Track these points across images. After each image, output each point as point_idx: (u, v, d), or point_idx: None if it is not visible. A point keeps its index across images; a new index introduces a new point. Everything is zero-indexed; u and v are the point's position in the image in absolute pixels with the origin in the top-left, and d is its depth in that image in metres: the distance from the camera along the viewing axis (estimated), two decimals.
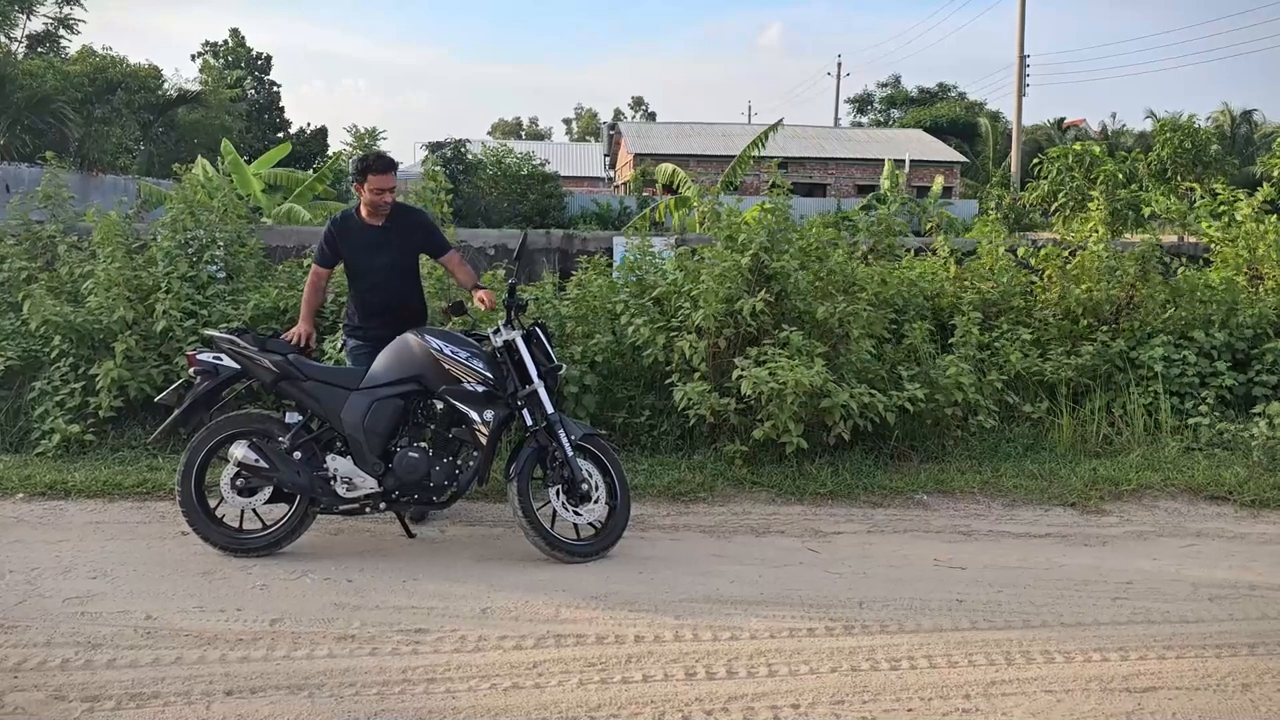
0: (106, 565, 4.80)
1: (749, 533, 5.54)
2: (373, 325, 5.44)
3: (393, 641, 4.00)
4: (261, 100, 46.12)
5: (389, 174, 5.33)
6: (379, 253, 5.42)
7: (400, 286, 5.49)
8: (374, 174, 5.29)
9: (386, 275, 5.43)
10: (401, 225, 5.49)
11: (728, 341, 6.59)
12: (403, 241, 5.47)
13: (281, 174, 15.73)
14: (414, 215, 5.66)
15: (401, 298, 5.49)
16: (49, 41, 27.73)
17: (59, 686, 3.57)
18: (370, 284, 5.46)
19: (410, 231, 5.50)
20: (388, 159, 5.43)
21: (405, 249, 5.50)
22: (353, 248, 5.45)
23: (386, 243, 5.42)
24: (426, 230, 5.60)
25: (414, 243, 5.53)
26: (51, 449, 6.45)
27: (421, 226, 5.59)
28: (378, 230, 5.43)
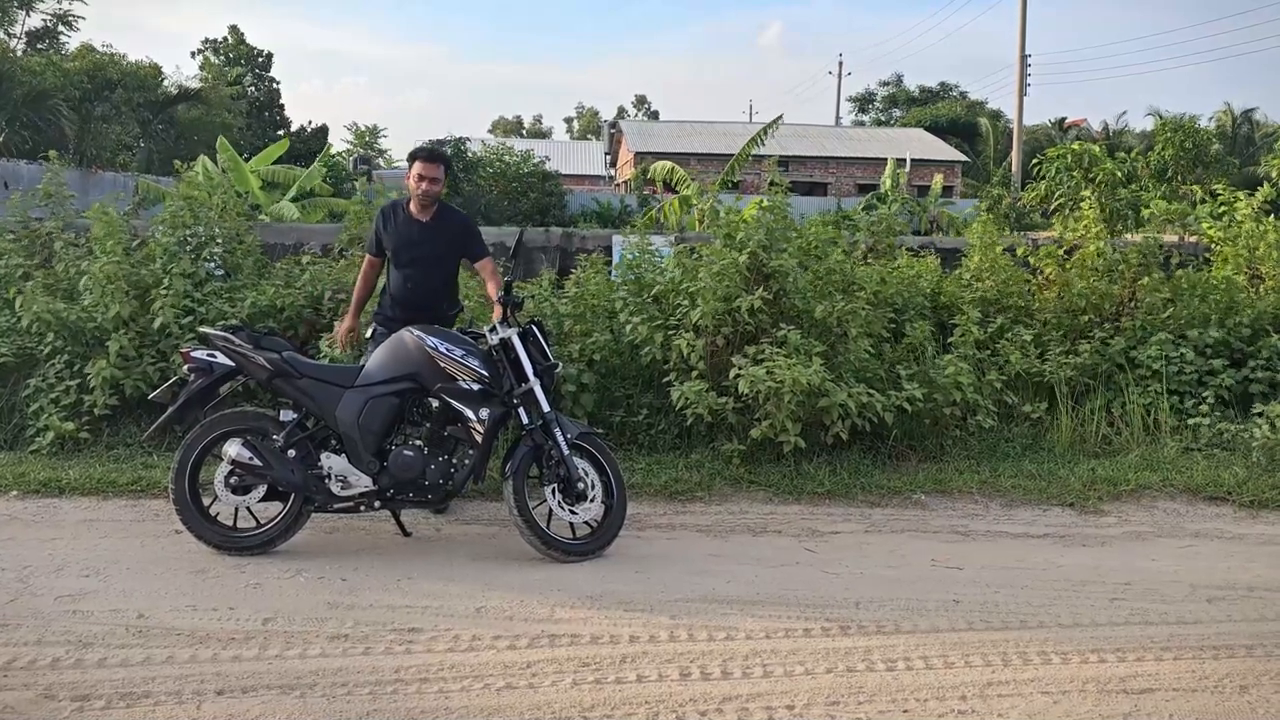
0: (99, 563, 4.77)
1: (746, 532, 5.51)
2: (401, 318, 5.45)
3: (386, 641, 3.98)
4: (261, 98, 46.14)
5: (435, 164, 5.48)
6: (419, 247, 5.52)
7: (435, 285, 5.59)
8: (421, 161, 5.46)
9: (425, 271, 5.55)
10: (446, 224, 5.60)
11: (726, 340, 6.57)
12: (445, 241, 5.57)
13: (280, 171, 15.70)
14: (459, 217, 5.77)
15: (434, 296, 5.58)
16: (48, 38, 27.71)
17: (49, 685, 3.54)
18: (406, 276, 5.55)
19: (453, 232, 5.61)
20: (437, 151, 5.65)
21: (447, 249, 5.59)
22: (396, 238, 5.58)
23: (429, 239, 5.52)
24: (468, 234, 5.69)
25: (455, 244, 5.62)
26: (46, 446, 6.43)
27: (464, 229, 5.69)
28: (421, 225, 5.54)
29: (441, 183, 5.53)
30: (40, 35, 27.51)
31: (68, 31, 27.87)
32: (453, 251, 5.67)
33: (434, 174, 5.46)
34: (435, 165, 5.47)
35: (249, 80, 45.22)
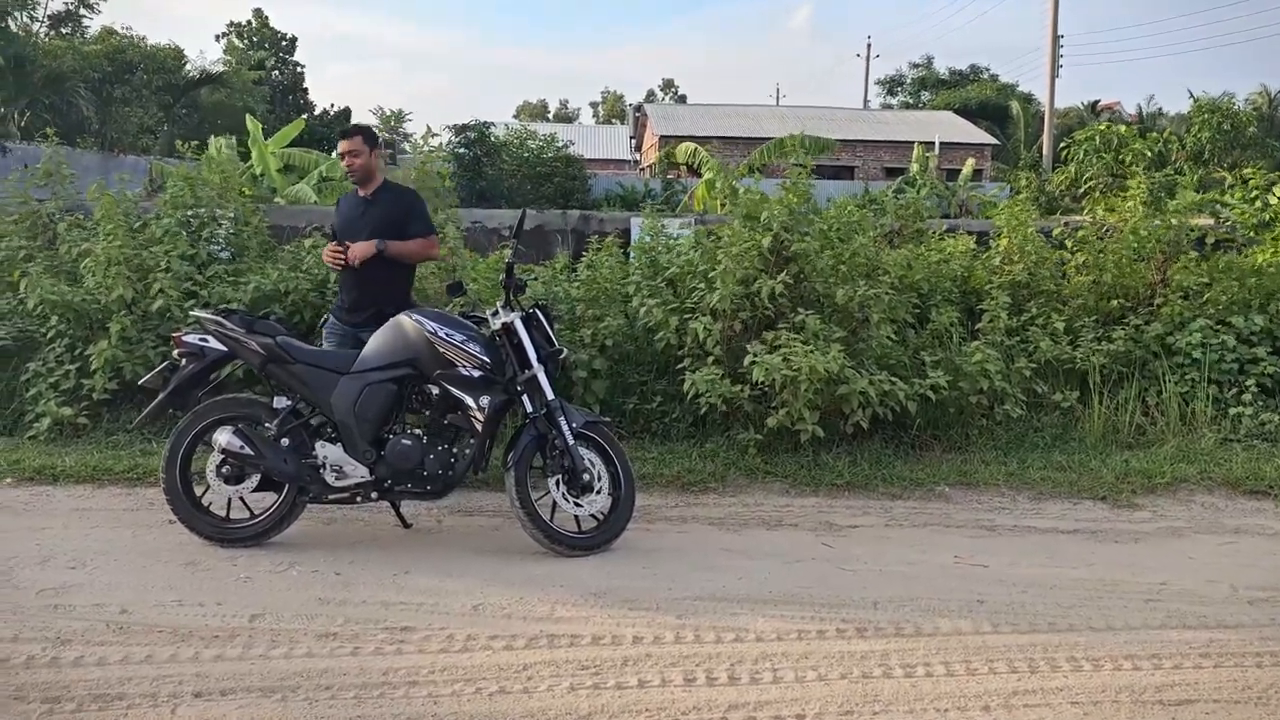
0: (87, 555, 4.61)
1: (760, 525, 5.28)
2: (346, 305, 5.32)
3: (376, 640, 3.78)
4: (285, 82, 46.07)
5: (352, 138, 5.28)
6: (358, 225, 5.28)
7: (380, 261, 5.21)
8: (340, 140, 5.34)
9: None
10: (386, 201, 5.33)
11: (744, 324, 6.32)
12: (383, 216, 5.27)
13: (297, 154, 15.56)
14: (399, 192, 5.47)
15: (372, 277, 5.22)
16: (70, 21, 27.71)
17: (20, 686, 3.37)
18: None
19: (388, 208, 5.31)
20: (351, 126, 5.52)
21: (384, 225, 5.26)
22: (341, 219, 5.42)
23: (366, 215, 5.28)
24: (405, 209, 5.35)
25: (390, 221, 5.29)
26: (43, 433, 6.29)
27: (400, 204, 5.37)
28: (362, 202, 5.35)
29: (365, 153, 5.28)
30: (62, 19, 27.53)
31: (89, 15, 27.86)
32: (387, 229, 5.28)
33: (352, 147, 5.26)
34: (352, 139, 5.27)
35: (273, 64, 45.14)
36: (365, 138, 5.31)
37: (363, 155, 5.26)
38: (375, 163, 5.35)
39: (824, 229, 6.76)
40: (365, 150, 5.27)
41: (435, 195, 7.89)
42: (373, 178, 5.33)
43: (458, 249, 7.07)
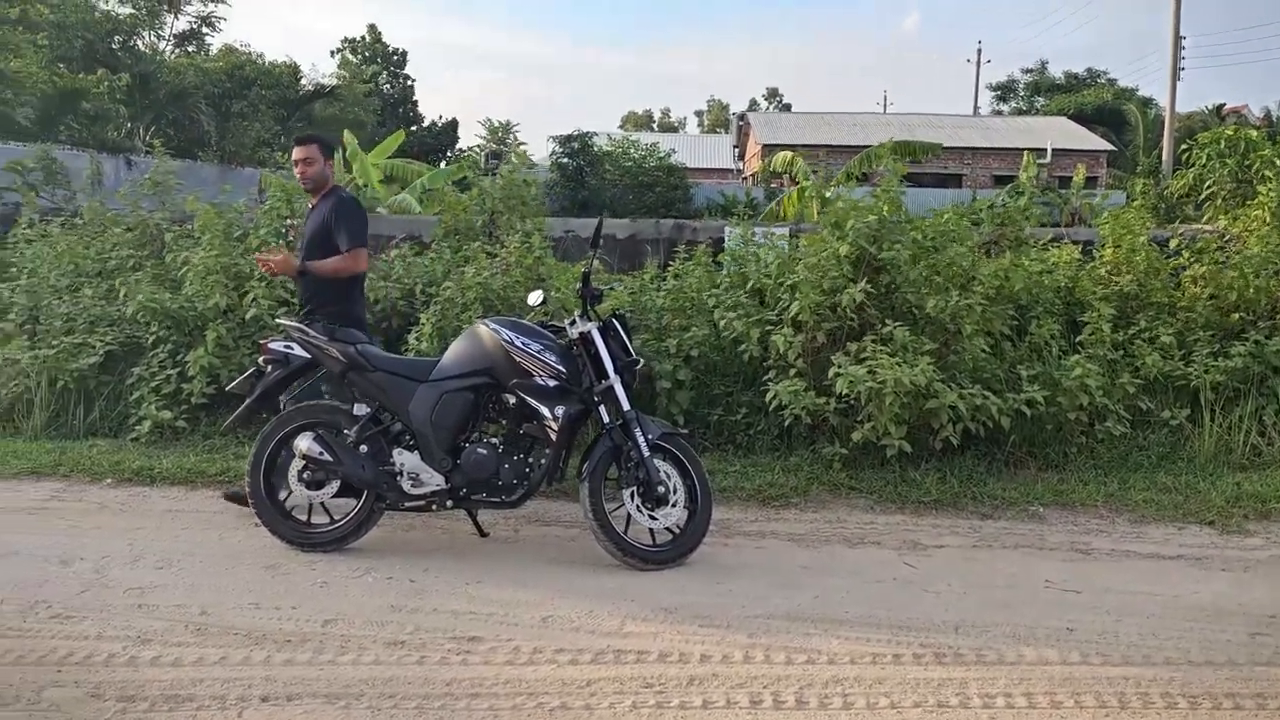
0: (175, 555, 4.74)
1: (842, 543, 5.12)
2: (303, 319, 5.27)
3: (443, 650, 3.78)
4: (395, 94, 47.35)
5: (305, 146, 5.32)
6: (305, 234, 5.38)
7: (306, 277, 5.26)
8: (295, 145, 5.34)
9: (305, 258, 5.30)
10: (323, 210, 5.33)
11: (828, 336, 6.17)
12: (319, 224, 5.29)
13: (398, 164, 15.93)
14: (336, 199, 5.35)
15: (311, 290, 5.28)
16: (194, 39, 29.00)
17: (99, 684, 3.46)
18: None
19: (325, 218, 5.28)
20: (308, 134, 5.53)
21: (318, 234, 5.27)
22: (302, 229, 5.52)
23: (309, 224, 5.37)
24: (334, 216, 5.24)
25: (326, 229, 5.27)
26: (144, 435, 6.52)
27: (333, 211, 5.26)
28: (311, 212, 5.41)
29: (319, 162, 5.30)
30: (187, 37, 28.83)
31: (211, 33, 29.13)
32: (321, 238, 5.26)
33: (306, 155, 5.28)
34: (305, 147, 5.30)
35: (384, 78, 46.44)
36: (321, 146, 5.35)
37: (316, 164, 5.30)
38: (328, 172, 5.39)
39: (917, 238, 6.55)
40: (319, 159, 5.31)
41: (523, 204, 7.96)
42: (323, 187, 5.35)
43: (544, 258, 7.09)
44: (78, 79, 21.99)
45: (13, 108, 18.60)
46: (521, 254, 6.84)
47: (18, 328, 7.30)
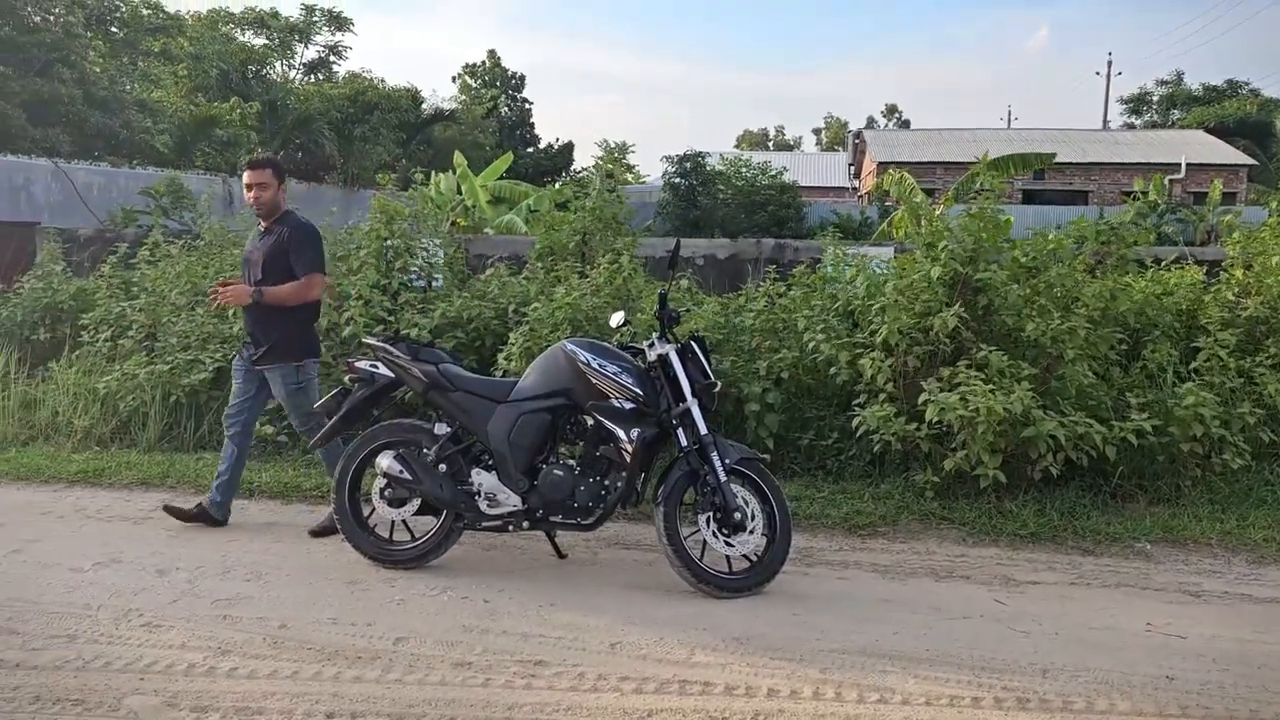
0: (264, 568, 4.87)
1: (929, 575, 4.93)
2: (247, 342, 5.45)
3: (509, 673, 3.77)
4: (513, 117, 48.36)
5: (259, 170, 5.30)
6: (254, 259, 5.40)
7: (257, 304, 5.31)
8: (247, 170, 5.33)
9: (256, 282, 5.35)
10: (277, 234, 5.36)
11: (920, 360, 5.97)
12: (272, 249, 5.34)
13: (506, 186, 16.24)
14: (292, 224, 5.40)
15: (259, 317, 5.33)
16: (322, 68, 30.25)
17: (175, 693, 3.57)
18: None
19: (280, 243, 5.34)
20: (262, 157, 5.47)
21: (271, 259, 5.33)
22: (246, 253, 5.51)
23: (260, 249, 5.38)
24: (292, 242, 5.32)
25: (279, 255, 5.33)
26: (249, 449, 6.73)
27: (292, 237, 5.32)
28: (262, 235, 5.42)
29: (273, 187, 5.29)
30: (315, 65, 30.10)
31: (338, 60, 30.35)
32: (274, 264, 5.30)
33: (260, 179, 5.27)
34: (260, 171, 5.28)
35: (502, 101, 47.50)
36: (274, 170, 5.34)
37: (270, 189, 5.31)
38: (281, 197, 5.40)
39: (1017, 258, 6.30)
40: (273, 184, 5.31)
41: (617, 223, 7.99)
42: (276, 212, 5.37)
43: (633, 278, 7.08)
44: (212, 107, 23.18)
45: (153, 135, 19.70)
46: (610, 274, 6.85)
47: (137, 344, 7.66)
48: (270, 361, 5.34)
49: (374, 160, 29.36)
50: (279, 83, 27.37)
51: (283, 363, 5.34)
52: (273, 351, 5.33)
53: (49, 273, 8.73)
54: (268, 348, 5.33)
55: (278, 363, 5.35)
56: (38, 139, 17.36)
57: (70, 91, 18.37)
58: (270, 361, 5.34)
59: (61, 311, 8.40)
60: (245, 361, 5.47)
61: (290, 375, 5.36)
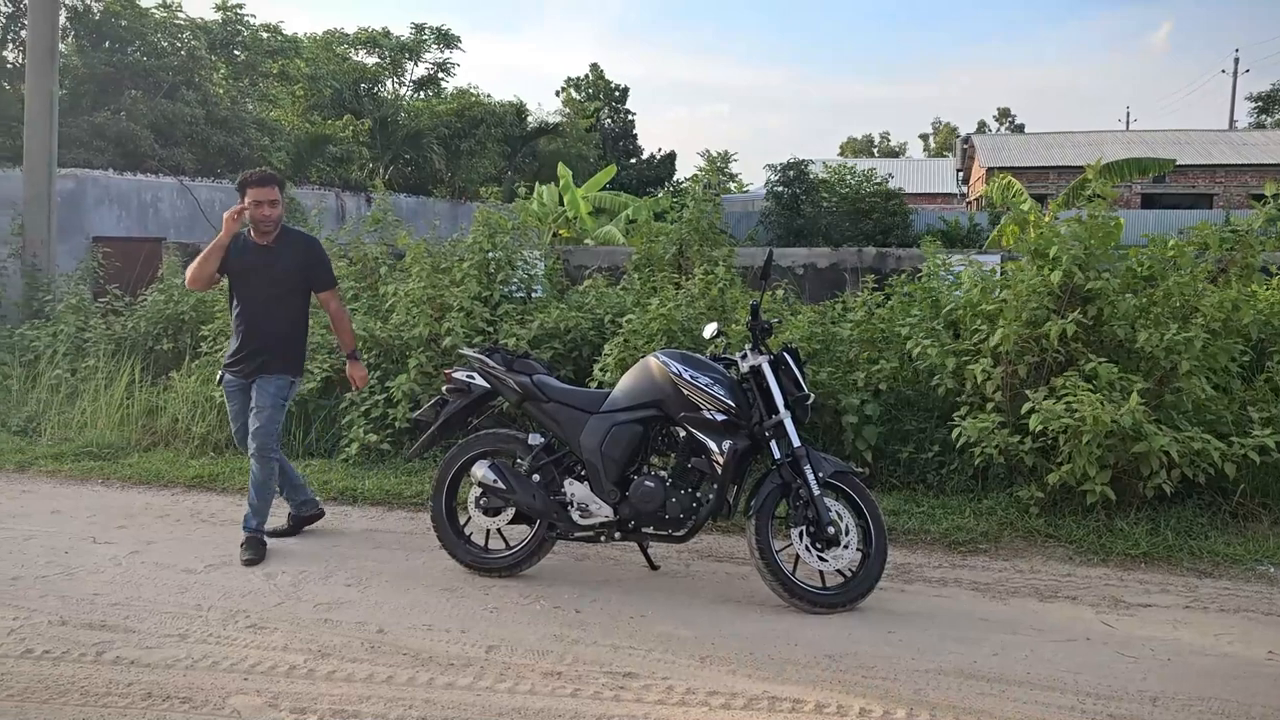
0: (364, 573, 4.99)
1: (1032, 595, 4.76)
2: (245, 356, 5.34)
3: (597, 684, 3.78)
4: (616, 129, 48.77)
5: (269, 187, 5.23)
6: (261, 273, 5.31)
7: (276, 314, 5.35)
8: (253, 187, 5.21)
9: (265, 300, 5.33)
10: (291, 249, 5.37)
11: (1029, 369, 5.79)
12: (290, 265, 5.35)
13: (607, 197, 16.39)
14: (308, 244, 5.50)
15: (277, 324, 5.35)
16: (431, 84, 31.01)
17: (277, 694, 3.67)
18: (247, 307, 5.35)
19: (298, 258, 5.37)
20: (268, 173, 5.36)
21: (291, 275, 5.36)
22: (237, 266, 5.32)
23: (270, 263, 5.31)
24: (313, 257, 5.42)
25: (298, 266, 5.37)
26: (352, 456, 6.93)
27: (307, 251, 5.42)
28: (263, 250, 5.32)
29: (280, 204, 5.27)
30: (424, 82, 30.88)
31: (446, 77, 31.06)
32: (294, 279, 5.37)
33: (271, 196, 5.22)
34: (269, 188, 5.22)
35: (605, 113, 47.94)
36: (280, 186, 5.33)
37: (279, 205, 5.30)
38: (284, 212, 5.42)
39: (1131, 266, 6.06)
40: (280, 199, 5.30)
41: (714, 233, 7.96)
42: (278, 226, 5.36)
43: (728, 289, 7.05)
44: (326, 125, 23.99)
45: (270, 153, 20.49)
46: (706, 285, 6.84)
47: None
48: (274, 371, 5.36)
49: (480, 173, 29.94)
50: (390, 100, 28.18)
51: (282, 375, 5.41)
52: (279, 363, 5.37)
53: (170, 285, 9.14)
54: (279, 360, 5.37)
55: (280, 374, 5.39)
56: (164, 158, 18.22)
57: (194, 112, 19.24)
58: (274, 371, 5.36)
59: (183, 322, 8.77)
60: (240, 379, 5.41)
61: (284, 388, 5.42)
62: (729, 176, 60.14)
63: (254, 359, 5.35)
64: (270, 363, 5.35)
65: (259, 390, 5.35)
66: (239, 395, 5.46)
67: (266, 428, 5.33)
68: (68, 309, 9.28)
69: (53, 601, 4.56)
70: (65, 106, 15.29)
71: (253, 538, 5.30)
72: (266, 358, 5.34)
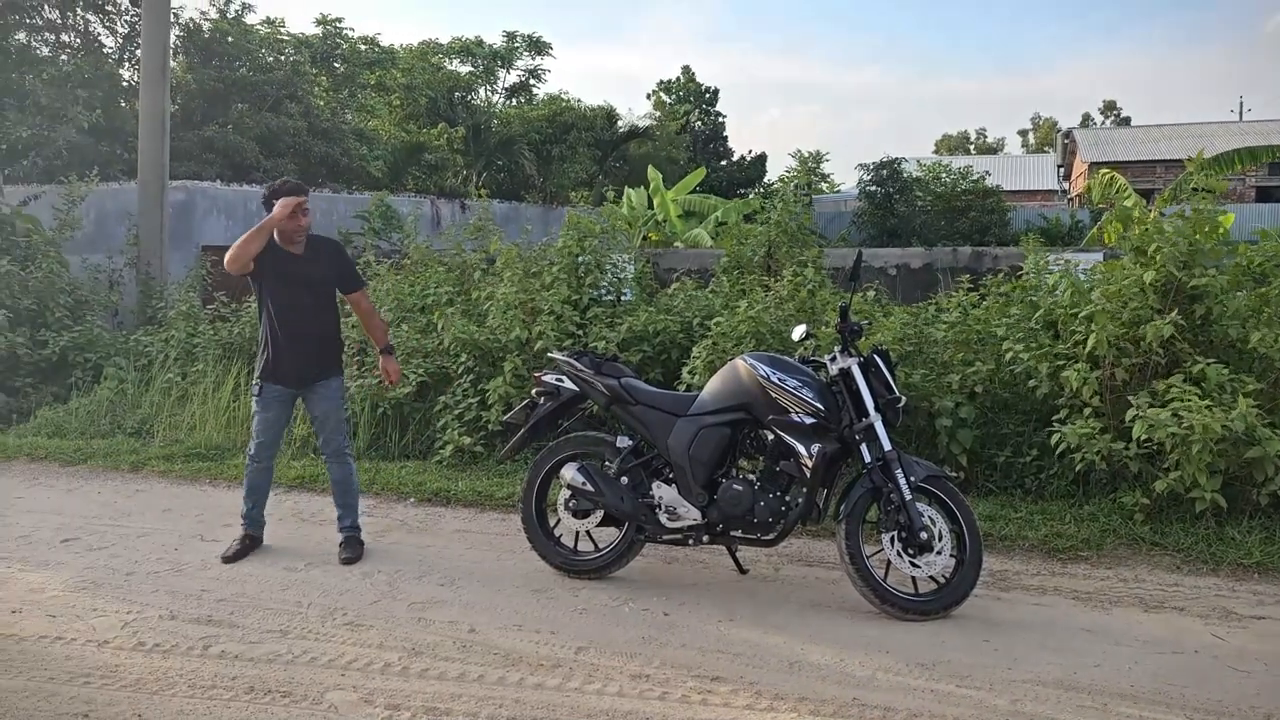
0: (457, 574, 5.08)
1: (1136, 605, 4.59)
2: (293, 365, 5.35)
3: (684, 688, 3.77)
4: (707, 131, 48.71)
5: (302, 195, 5.29)
6: (296, 280, 5.34)
7: (322, 317, 5.42)
8: (291, 194, 5.24)
9: (303, 306, 5.35)
10: (323, 256, 5.44)
11: (1129, 372, 5.59)
12: (325, 271, 5.42)
13: (696, 200, 16.38)
14: (332, 245, 5.61)
15: (319, 329, 5.41)
16: (523, 91, 31.49)
17: (372, 691, 3.76)
18: (287, 315, 5.35)
19: (327, 261, 5.44)
20: (297, 183, 5.39)
21: (327, 281, 5.44)
22: (272, 275, 5.33)
23: (305, 271, 5.35)
24: (342, 260, 5.53)
25: (331, 270, 5.45)
26: (446, 458, 7.07)
27: (338, 256, 5.52)
28: (295, 259, 5.35)
29: (310, 213, 5.35)
30: (515, 90, 31.38)
31: (537, 84, 31.53)
32: (329, 282, 5.46)
33: (306, 205, 5.30)
34: (303, 196, 5.29)
35: (696, 116, 47.93)
36: (307, 194, 5.36)
37: (309, 214, 5.34)
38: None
39: (1241, 263, 5.81)
40: (309, 209, 5.35)
41: (803, 234, 7.90)
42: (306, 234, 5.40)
43: (818, 291, 6.98)
44: (421, 133, 24.56)
45: (368, 162, 21.08)
46: (795, 287, 6.78)
47: (349, 358, 8.17)
48: (329, 375, 5.47)
49: (571, 178, 30.25)
50: (483, 107, 28.72)
51: (336, 376, 5.54)
52: (333, 366, 5.51)
53: None
54: (332, 363, 5.50)
55: (335, 376, 5.52)
56: (269, 169, 18.89)
57: (297, 124, 19.91)
58: (329, 375, 5.47)
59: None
60: (287, 388, 5.43)
61: (341, 388, 5.56)
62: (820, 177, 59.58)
63: (304, 367, 5.38)
64: (323, 368, 5.46)
65: (320, 397, 5.45)
66: (279, 405, 5.46)
67: (341, 428, 5.51)
68: (178, 315, 9.67)
69: (163, 597, 4.75)
70: (176, 122, 15.97)
71: (350, 537, 5.44)
72: (317, 364, 5.44)
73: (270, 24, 21.23)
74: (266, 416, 5.45)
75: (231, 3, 20.72)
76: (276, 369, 5.37)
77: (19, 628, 4.33)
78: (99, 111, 18.01)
